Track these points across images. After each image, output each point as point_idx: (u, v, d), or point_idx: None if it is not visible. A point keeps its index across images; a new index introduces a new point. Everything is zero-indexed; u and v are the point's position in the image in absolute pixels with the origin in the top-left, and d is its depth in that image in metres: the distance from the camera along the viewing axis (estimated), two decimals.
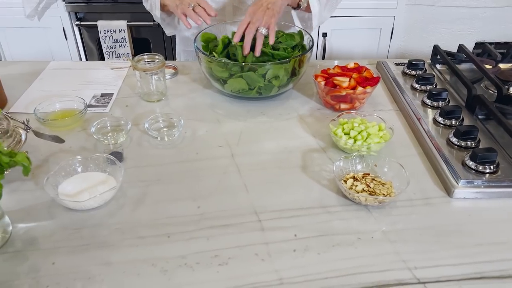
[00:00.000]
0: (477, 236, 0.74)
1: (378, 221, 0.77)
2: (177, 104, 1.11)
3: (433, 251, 0.71)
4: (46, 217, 0.77)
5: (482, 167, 0.83)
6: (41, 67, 1.27)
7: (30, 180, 0.84)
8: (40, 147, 0.93)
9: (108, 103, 1.11)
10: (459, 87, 1.12)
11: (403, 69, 1.22)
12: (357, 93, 1.03)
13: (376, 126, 0.94)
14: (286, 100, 1.13)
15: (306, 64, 1.11)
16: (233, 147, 0.95)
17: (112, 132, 0.98)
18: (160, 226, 0.75)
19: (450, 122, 0.97)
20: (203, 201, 0.81)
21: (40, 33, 2.21)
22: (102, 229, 0.75)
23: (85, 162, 0.85)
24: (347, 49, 2.31)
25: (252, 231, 0.75)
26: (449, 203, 0.81)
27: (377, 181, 0.83)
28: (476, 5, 2.23)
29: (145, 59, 1.11)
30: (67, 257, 0.69)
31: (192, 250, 0.71)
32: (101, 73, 1.25)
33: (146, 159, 0.91)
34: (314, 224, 0.76)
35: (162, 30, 2.19)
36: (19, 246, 0.71)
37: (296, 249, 0.71)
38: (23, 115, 1.02)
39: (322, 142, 0.97)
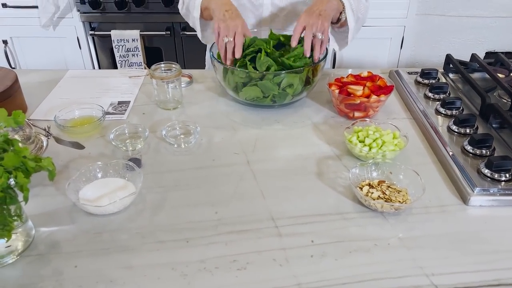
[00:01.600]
0: (494, 243, 0.75)
1: (394, 227, 0.78)
2: (193, 112, 1.13)
3: (450, 258, 0.72)
4: (67, 221, 0.78)
5: (498, 175, 0.84)
6: (60, 76, 1.30)
7: (51, 185, 0.86)
8: (60, 153, 0.95)
9: (125, 110, 1.13)
10: (472, 95, 1.13)
11: (416, 78, 1.23)
12: (371, 102, 1.04)
13: (390, 134, 0.95)
14: (300, 108, 1.15)
15: (319, 73, 1.13)
16: (249, 154, 0.97)
17: (130, 139, 0.99)
18: (179, 231, 0.77)
19: (464, 130, 0.98)
20: (221, 207, 0.82)
21: (55, 43, 2.25)
22: (122, 234, 0.76)
23: (105, 168, 0.87)
24: (357, 58, 2.33)
25: (270, 237, 0.76)
26: (465, 211, 0.82)
27: (393, 188, 0.84)
28: (487, 14, 2.24)
29: (162, 67, 1.13)
30: (89, 260, 0.71)
31: (211, 255, 0.72)
32: (117, 81, 1.28)
33: (164, 166, 0.93)
34: (331, 230, 0.77)
35: (174, 40, 2.24)
36: (42, 250, 0.73)
37: (314, 255, 0.72)
38: (43, 122, 1.04)
39: (337, 149, 0.98)
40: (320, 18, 1.07)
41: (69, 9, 2.15)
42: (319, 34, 1.07)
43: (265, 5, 1.27)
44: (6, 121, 0.69)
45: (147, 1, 2.12)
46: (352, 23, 1.18)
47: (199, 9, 1.19)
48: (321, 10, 1.08)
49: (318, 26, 1.06)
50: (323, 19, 1.07)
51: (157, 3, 2.11)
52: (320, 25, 1.06)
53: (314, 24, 1.06)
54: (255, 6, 1.27)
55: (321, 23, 1.06)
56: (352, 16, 1.17)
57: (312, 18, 1.06)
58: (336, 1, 1.14)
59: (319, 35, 1.07)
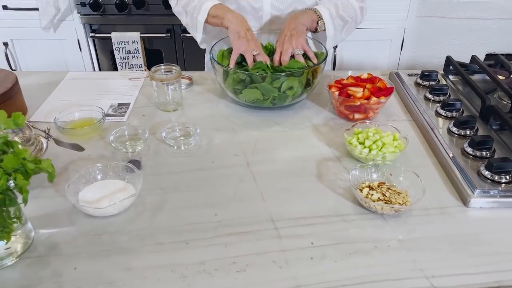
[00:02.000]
0: (495, 245, 0.75)
1: (394, 229, 0.78)
2: (192, 113, 1.13)
3: (450, 260, 0.72)
4: (67, 223, 0.78)
5: (498, 177, 0.84)
6: (60, 78, 1.30)
7: (51, 187, 0.86)
8: (60, 155, 0.95)
9: (125, 112, 1.13)
10: (473, 97, 1.13)
11: (416, 80, 1.23)
12: (371, 103, 1.04)
13: (390, 136, 0.94)
14: (300, 110, 1.15)
15: (319, 75, 1.13)
16: (249, 156, 0.96)
17: (130, 140, 0.99)
18: (178, 232, 0.76)
19: (464, 132, 0.98)
20: (220, 209, 0.82)
21: (55, 45, 2.26)
22: (122, 235, 0.76)
23: (104, 170, 0.87)
24: (358, 60, 2.33)
25: (269, 239, 0.75)
26: (465, 213, 0.81)
27: (393, 190, 0.84)
28: (487, 16, 2.24)
29: (161, 69, 1.13)
30: (89, 262, 0.71)
31: (211, 257, 0.72)
32: (117, 83, 1.28)
33: (164, 167, 0.93)
34: (331, 232, 0.77)
35: (175, 42, 2.24)
36: (42, 252, 0.73)
37: (313, 256, 0.72)
38: (43, 124, 1.04)
39: (337, 151, 0.98)
40: (292, 39, 1.13)
41: (70, 11, 2.15)
42: (296, 50, 1.12)
43: (265, 8, 1.27)
44: (6, 123, 0.69)
45: (148, 3, 2.12)
46: (331, 31, 1.21)
47: (206, 14, 1.19)
48: (291, 30, 1.14)
49: (293, 46, 1.12)
50: (295, 38, 1.13)
51: (158, 5, 2.12)
52: (295, 44, 1.12)
53: (289, 48, 1.12)
54: (255, 9, 1.27)
55: (294, 42, 1.12)
56: (331, 23, 1.20)
57: (285, 44, 1.12)
58: (309, 12, 1.18)
59: (297, 51, 1.12)
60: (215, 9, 1.18)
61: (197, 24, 1.23)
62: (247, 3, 1.26)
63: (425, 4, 2.21)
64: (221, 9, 1.18)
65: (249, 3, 1.25)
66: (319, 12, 1.18)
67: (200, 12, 1.20)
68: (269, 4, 1.26)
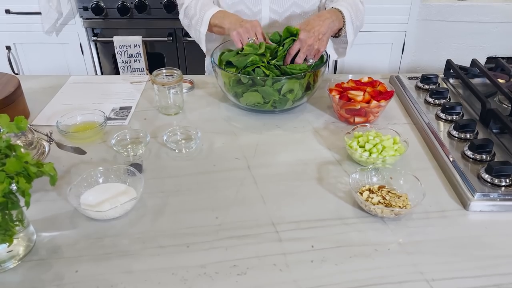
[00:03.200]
0: (495, 248, 0.75)
1: (395, 233, 0.78)
2: (194, 117, 1.14)
3: (450, 263, 0.72)
4: (69, 226, 0.79)
5: (498, 180, 0.84)
6: (62, 81, 1.31)
7: (53, 191, 0.86)
8: (62, 159, 0.96)
9: (127, 116, 1.13)
10: (473, 101, 1.13)
11: (416, 83, 1.23)
12: (372, 107, 1.04)
13: (391, 139, 0.95)
14: (301, 113, 1.15)
15: (320, 78, 1.14)
16: (250, 159, 0.97)
17: (131, 144, 1.00)
18: (179, 236, 0.77)
19: (464, 135, 0.98)
20: (221, 212, 0.82)
21: (58, 48, 2.27)
22: (123, 239, 0.76)
23: (106, 173, 0.87)
24: (359, 63, 2.33)
25: (270, 242, 0.76)
26: (465, 216, 0.82)
27: (393, 193, 0.84)
28: (488, 20, 2.24)
29: (163, 73, 1.14)
30: (90, 265, 0.71)
31: (211, 260, 0.72)
32: (119, 87, 1.29)
33: (165, 171, 0.93)
34: (331, 235, 0.77)
35: (176, 45, 2.25)
36: (43, 255, 0.73)
37: (314, 260, 0.72)
38: (45, 128, 1.05)
39: (337, 154, 0.98)
40: (318, 43, 1.10)
41: (72, 15, 2.17)
42: (311, 60, 1.12)
43: (263, 12, 1.28)
44: (9, 127, 0.69)
45: (149, 7, 2.13)
46: (352, 37, 1.21)
47: (207, 25, 1.20)
48: (320, 33, 1.11)
49: (313, 51, 1.11)
50: (320, 44, 1.11)
51: (159, 9, 2.13)
52: (315, 50, 1.11)
53: (310, 49, 1.10)
54: (254, 12, 1.28)
55: (316, 48, 1.11)
56: (352, 30, 1.20)
57: (310, 39, 1.09)
58: (336, 16, 1.16)
59: (311, 61, 1.12)
60: (215, 18, 1.18)
61: (200, 36, 1.24)
62: (246, 7, 1.26)
63: (426, 7, 2.21)
64: (220, 17, 1.18)
65: (248, 6, 1.26)
66: (344, 16, 1.17)
67: (202, 25, 1.21)
68: (267, 7, 1.27)
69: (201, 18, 1.21)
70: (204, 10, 1.20)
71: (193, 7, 1.23)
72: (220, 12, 1.19)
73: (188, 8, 1.25)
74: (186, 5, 1.25)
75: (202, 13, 1.20)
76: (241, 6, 1.26)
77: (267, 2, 1.26)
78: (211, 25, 1.20)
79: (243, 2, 1.26)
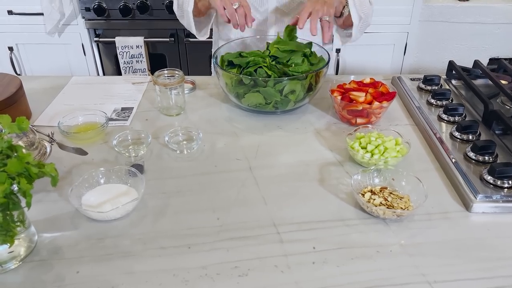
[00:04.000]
0: (497, 250, 0.74)
1: (397, 234, 0.77)
2: (195, 118, 1.14)
3: (452, 265, 0.71)
4: (70, 227, 0.79)
5: (501, 182, 0.84)
6: (64, 82, 1.31)
7: (54, 191, 0.86)
8: (63, 159, 0.96)
9: (128, 116, 1.13)
10: (475, 102, 1.13)
11: (418, 84, 1.23)
12: (374, 108, 1.04)
13: (393, 141, 0.94)
14: (303, 114, 1.15)
15: (322, 79, 1.13)
16: (251, 160, 0.97)
17: (133, 145, 1.00)
18: (181, 237, 0.77)
19: (467, 137, 0.98)
20: (223, 213, 0.82)
21: (60, 49, 2.28)
22: (125, 239, 0.76)
23: (107, 174, 0.87)
24: (361, 64, 2.33)
25: (271, 243, 0.76)
26: (468, 218, 0.81)
27: (395, 195, 0.84)
28: (490, 21, 2.24)
29: (165, 74, 1.14)
30: (91, 266, 0.71)
31: (213, 261, 0.72)
32: (121, 87, 1.29)
33: (166, 172, 0.93)
34: (333, 237, 0.77)
35: (178, 46, 2.25)
36: (45, 255, 0.73)
37: (315, 261, 0.72)
38: (47, 128, 1.05)
39: (339, 156, 0.98)
40: (326, 5, 1.10)
41: (74, 16, 2.17)
42: (326, 17, 1.10)
43: (269, 11, 1.28)
44: (10, 127, 0.69)
45: (151, 8, 2.14)
46: (356, 19, 1.18)
47: (192, 2, 1.19)
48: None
49: (324, 11, 1.09)
50: (328, 5, 1.10)
51: (161, 10, 2.13)
52: (326, 10, 1.10)
53: (320, 9, 1.09)
54: (259, 12, 1.28)
55: (326, 9, 1.10)
56: (356, 11, 1.18)
57: (317, 4, 1.09)
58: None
59: (326, 17, 1.10)
60: None
61: (188, 17, 1.23)
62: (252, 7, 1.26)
63: (428, 8, 2.21)
64: None
65: (254, 6, 1.26)
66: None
67: (189, 4, 1.20)
68: (274, 7, 1.27)
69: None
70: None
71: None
72: None
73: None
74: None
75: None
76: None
77: (273, 2, 1.26)
78: (196, 1, 1.19)
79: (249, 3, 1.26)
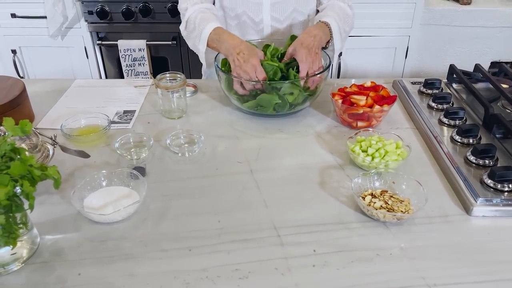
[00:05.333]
0: (498, 254, 0.75)
1: (397, 237, 0.78)
2: (197, 121, 1.14)
3: (453, 268, 0.72)
4: (72, 229, 0.79)
5: (501, 185, 0.84)
6: (66, 85, 1.32)
7: (57, 194, 0.87)
8: (66, 162, 0.96)
9: (130, 119, 1.14)
10: (476, 106, 1.13)
11: (419, 88, 1.23)
12: (374, 111, 1.05)
13: (393, 144, 0.95)
14: (303, 117, 1.15)
15: (323, 83, 1.14)
16: (252, 163, 0.97)
17: (135, 147, 1.01)
18: (182, 239, 0.77)
19: (467, 140, 0.98)
20: (224, 216, 0.82)
21: (63, 52, 2.29)
22: (126, 242, 0.77)
23: (109, 177, 0.88)
24: (362, 68, 2.33)
25: (272, 246, 0.76)
26: (468, 221, 0.81)
27: (395, 198, 0.84)
28: (492, 25, 2.24)
29: (167, 77, 1.15)
30: (93, 268, 0.71)
31: (213, 264, 0.72)
32: (123, 90, 1.29)
33: (168, 174, 0.94)
34: (333, 240, 0.77)
35: (180, 49, 2.26)
36: (47, 257, 0.73)
37: (316, 264, 0.72)
38: (49, 131, 1.06)
39: (340, 159, 0.98)
40: (317, 58, 1.11)
41: (77, 19, 2.18)
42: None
43: (265, 21, 1.29)
44: (14, 130, 0.70)
45: (154, 12, 2.15)
46: (339, 45, 1.23)
47: (205, 43, 1.19)
48: (315, 47, 1.12)
49: (315, 69, 1.11)
50: (318, 60, 1.12)
51: (164, 13, 2.14)
52: (318, 63, 1.12)
53: (313, 66, 1.10)
54: (255, 22, 1.29)
55: (317, 65, 1.11)
56: (340, 40, 1.22)
57: (311, 56, 1.10)
58: (323, 32, 1.17)
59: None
60: (212, 41, 1.17)
61: (199, 53, 1.24)
62: (248, 18, 1.27)
63: (430, 12, 2.21)
64: (216, 40, 1.16)
65: (250, 17, 1.27)
66: (331, 28, 1.18)
67: (201, 42, 1.20)
68: (268, 16, 1.28)
69: (199, 34, 1.19)
70: (202, 25, 1.18)
71: (192, 21, 1.22)
72: (217, 31, 1.16)
73: (189, 21, 1.23)
74: (186, 18, 1.24)
75: (200, 29, 1.19)
76: (244, 17, 1.28)
77: (268, 11, 1.27)
78: (209, 45, 1.19)
79: (245, 13, 1.27)
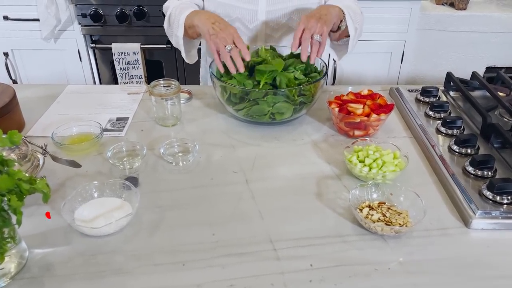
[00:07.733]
0: (498, 268, 0.73)
1: (395, 251, 0.76)
2: (191, 128, 1.12)
3: (452, 283, 0.70)
4: (62, 242, 0.77)
5: (500, 198, 0.83)
6: (58, 91, 1.29)
7: (46, 205, 0.84)
8: (57, 172, 0.94)
9: (123, 127, 1.12)
10: (473, 114, 1.12)
11: (416, 96, 1.22)
12: (371, 120, 1.03)
13: (391, 154, 0.94)
14: (300, 125, 1.14)
15: (319, 90, 1.12)
16: (248, 173, 0.95)
17: (127, 157, 0.98)
18: (175, 253, 0.75)
19: (465, 150, 0.97)
20: (218, 228, 0.81)
21: (56, 55, 2.26)
22: (118, 256, 0.75)
23: (101, 188, 0.86)
24: (358, 73, 2.33)
25: (268, 260, 0.74)
26: (467, 234, 0.80)
27: (393, 210, 0.83)
28: (487, 30, 2.24)
29: (161, 84, 1.13)
30: (83, 283, 0.69)
31: (208, 279, 0.70)
32: (116, 97, 1.27)
33: (162, 184, 0.92)
34: (330, 253, 0.76)
35: (175, 53, 2.24)
36: (36, 272, 0.71)
37: (312, 279, 0.71)
38: (40, 139, 1.04)
39: (337, 169, 0.97)
40: (320, 21, 1.07)
41: (71, 22, 2.16)
42: (317, 36, 1.06)
43: (259, 28, 1.27)
44: (2, 141, 0.68)
45: (148, 15, 2.13)
46: (352, 30, 1.17)
47: (182, 27, 1.17)
48: (321, 14, 1.09)
49: (317, 29, 1.06)
50: (322, 22, 1.07)
51: (158, 17, 2.12)
52: (319, 27, 1.06)
53: (313, 26, 1.06)
54: (249, 29, 1.27)
55: (320, 26, 1.06)
56: (352, 24, 1.17)
57: (311, 21, 1.06)
58: (337, 8, 1.14)
59: (317, 37, 1.06)
60: (187, 19, 1.16)
61: (178, 41, 1.21)
62: (241, 24, 1.26)
63: (425, 17, 2.21)
64: (191, 16, 1.15)
65: (244, 24, 1.26)
66: (343, 11, 1.15)
67: (179, 28, 1.18)
68: (263, 24, 1.26)
69: (177, 21, 1.18)
70: (181, 13, 1.18)
71: (173, 14, 1.21)
72: (193, 12, 1.16)
73: (170, 16, 1.22)
74: (168, 14, 1.23)
75: (178, 16, 1.18)
76: (237, 24, 1.26)
77: (263, 18, 1.26)
78: (186, 27, 1.17)
79: (239, 20, 1.26)
